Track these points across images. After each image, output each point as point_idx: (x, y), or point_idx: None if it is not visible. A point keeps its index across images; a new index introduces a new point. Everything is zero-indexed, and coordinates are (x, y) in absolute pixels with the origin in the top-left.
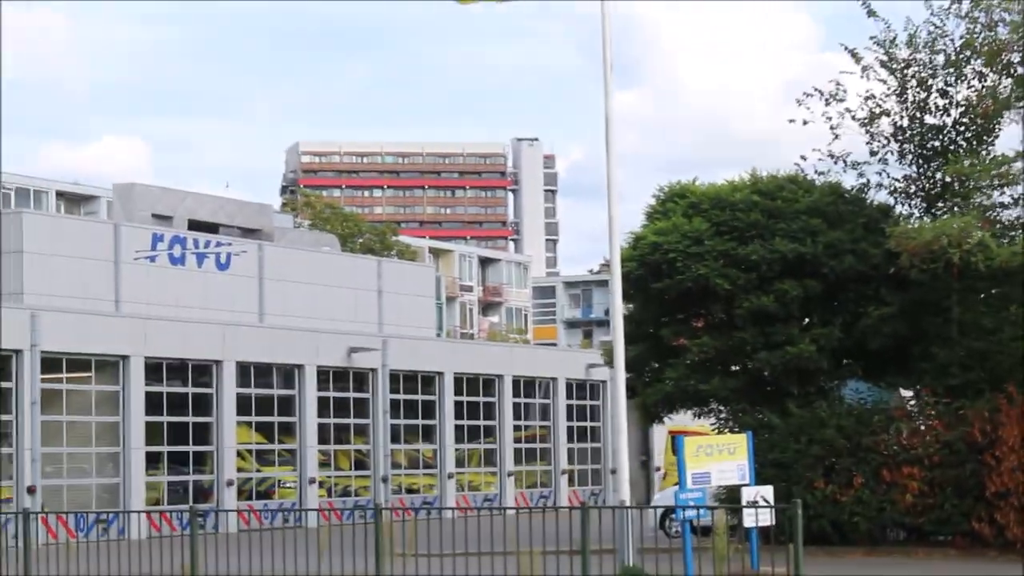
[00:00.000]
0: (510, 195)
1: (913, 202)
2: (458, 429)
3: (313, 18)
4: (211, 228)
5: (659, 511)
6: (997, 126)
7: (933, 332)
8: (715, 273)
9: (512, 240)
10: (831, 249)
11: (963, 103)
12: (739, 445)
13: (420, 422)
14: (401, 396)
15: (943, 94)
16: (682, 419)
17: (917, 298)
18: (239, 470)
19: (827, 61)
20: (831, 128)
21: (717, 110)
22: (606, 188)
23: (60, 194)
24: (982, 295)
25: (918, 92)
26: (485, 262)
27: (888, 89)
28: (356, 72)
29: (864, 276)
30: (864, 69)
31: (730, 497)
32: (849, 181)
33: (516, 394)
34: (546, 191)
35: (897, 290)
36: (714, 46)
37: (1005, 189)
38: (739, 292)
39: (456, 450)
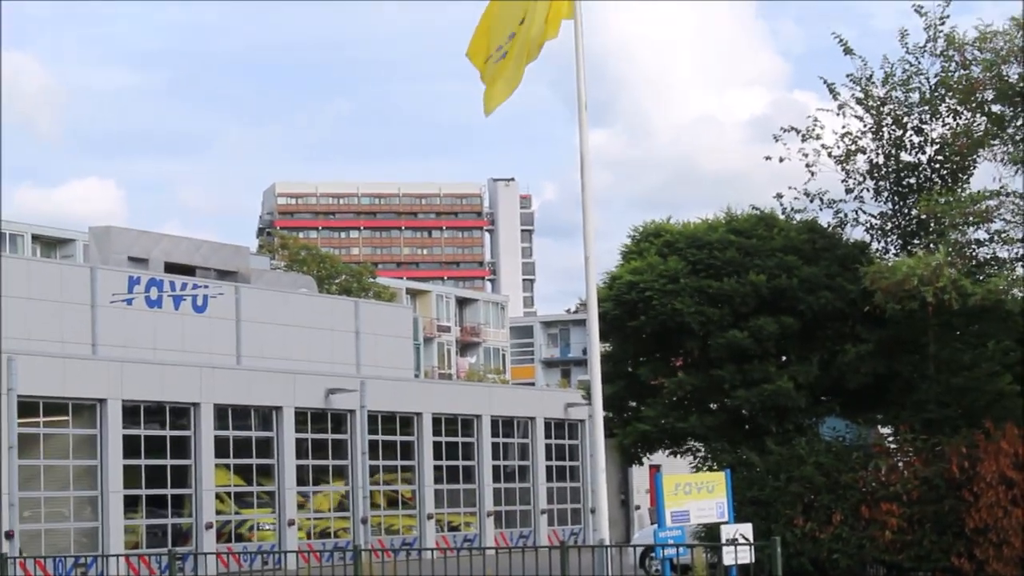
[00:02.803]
0: (487, 235)
1: (889, 239)
2: (437, 469)
3: (289, 58)
4: (187, 270)
5: (639, 550)
6: (972, 164)
7: (910, 369)
8: (690, 310)
9: (489, 280)
10: (807, 284)
11: (938, 140)
12: (718, 483)
13: (399, 462)
14: (380, 437)
15: (918, 131)
16: (659, 457)
17: (894, 335)
18: (218, 512)
19: (796, 99)
20: (807, 166)
21: (687, 147)
22: (582, 228)
23: (36, 237)
24: (959, 331)
25: (894, 129)
26: (462, 302)
27: (864, 126)
28: (332, 111)
29: (841, 313)
30: (840, 106)
31: (709, 535)
32: (825, 219)
33: (495, 434)
34: (523, 231)
35: (874, 327)
36: (684, 83)
37: (979, 226)
38: (714, 329)
39: (435, 490)
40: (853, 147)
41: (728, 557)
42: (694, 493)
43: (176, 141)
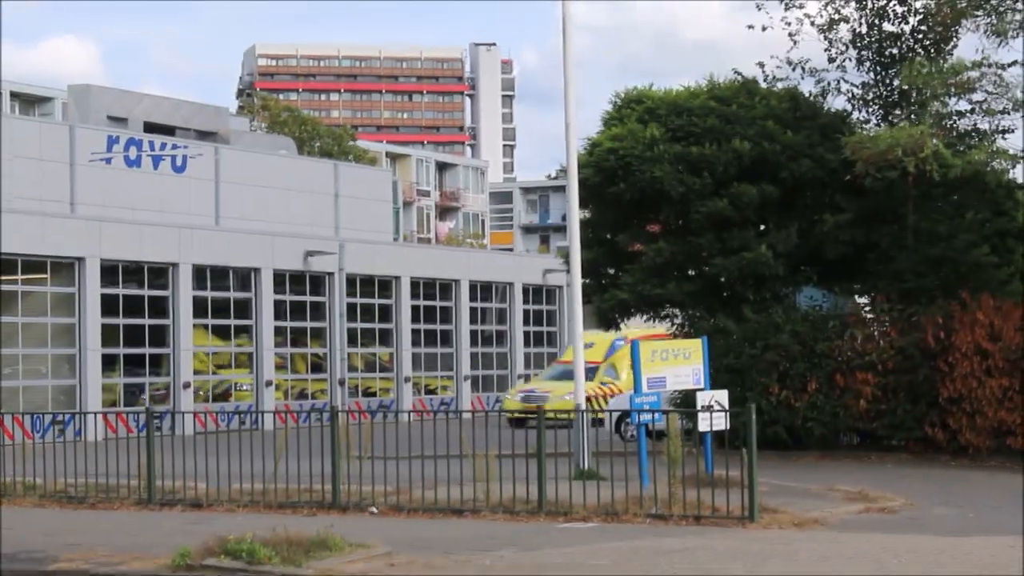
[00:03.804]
0: (467, 100)
1: (871, 109)
2: (415, 333)
3: None
4: (167, 131)
5: (615, 416)
6: (955, 34)
7: (888, 239)
8: (670, 176)
9: (469, 145)
10: (788, 152)
11: (921, 11)
12: (694, 350)
13: (377, 326)
14: (358, 300)
15: (902, 1)
16: (637, 324)
17: (873, 205)
18: (196, 372)
19: None
20: (790, 35)
21: (670, 14)
22: (563, 94)
23: (15, 95)
24: (938, 203)
25: None
26: (442, 167)
27: None
28: None
29: (821, 182)
30: None
31: (685, 402)
32: (807, 88)
33: (473, 299)
34: (504, 96)
35: (853, 197)
36: None
37: (960, 97)
38: (694, 196)
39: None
40: (836, 16)
41: (703, 423)
42: (671, 360)
43: (156, 1)
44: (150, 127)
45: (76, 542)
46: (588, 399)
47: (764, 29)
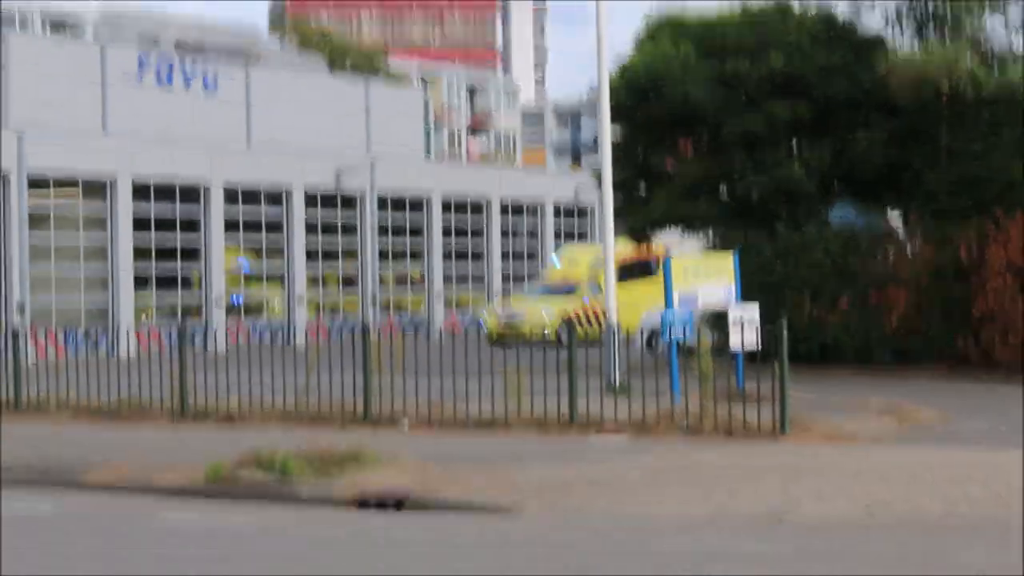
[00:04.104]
0: (499, 19)
1: (905, 28)
2: (446, 251)
3: None
4: (198, 50)
5: (646, 333)
6: None
7: (922, 158)
8: (702, 93)
9: (501, 65)
10: (822, 71)
11: None
12: (726, 266)
13: (408, 243)
14: (389, 216)
15: None
16: (669, 240)
17: (907, 124)
18: (227, 290)
19: None
20: None
21: None
22: (595, 13)
23: (45, 16)
24: (971, 122)
25: None
26: (473, 87)
27: None
28: None
29: (854, 101)
30: None
31: (716, 318)
32: (841, 10)
33: (505, 216)
34: (535, 14)
35: (887, 116)
36: None
37: (995, 16)
38: (727, 114)
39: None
40: None
41: (735, 340)
42: (702, 276)
43: None
44: (181, 47)
45: (110, 456)
46: (569, 320)
47: None
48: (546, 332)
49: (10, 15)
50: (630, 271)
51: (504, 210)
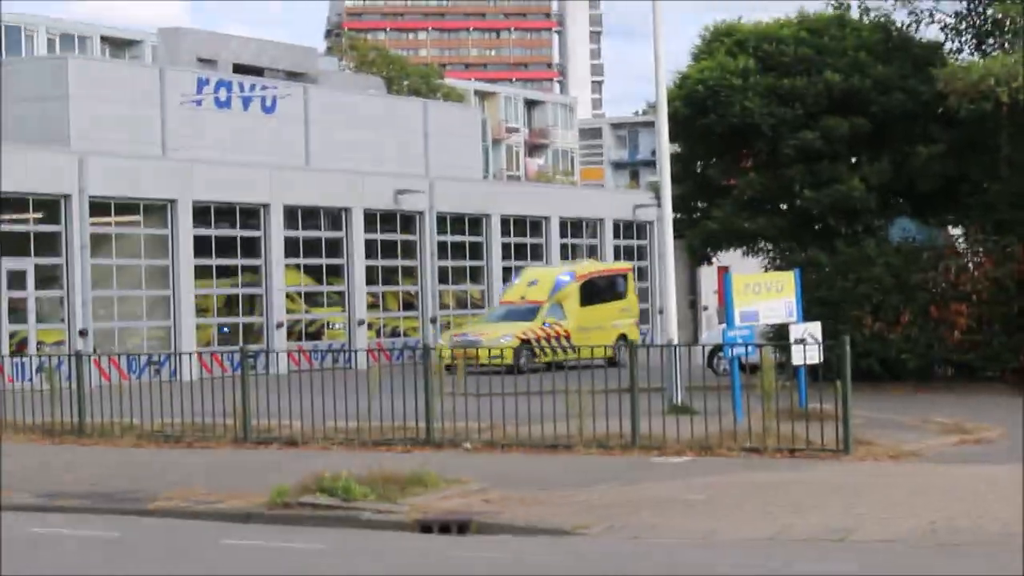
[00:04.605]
0: (555, 36)
1: (964, 39)
2: (506, 270)
3: None
4: (256, 72)
5: (707, 349)
6: None
7: (981, 170)
8: (760, 108)
9: (558, 82)
10: (880, 84)
11: None
12: (787, 283)
13: (468, 263)
14: (448, 237)
15: None
16: (729, 259)
17: (966, 136)
18: (288, 312)
19: None
20: None
21: None
22: (651, 28)
23: (105, 39)
24: None
25: None
26: (531, 104)
27: None
28: None
29: (912, 114)
30: None
31: (778, 335)
32: (899, 18)
33: (564, 235)
34: (591, 32)
35: (946, 128)
36: None
37: None
38: (785, 129)
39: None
40: None
41: (797, 356)
42: (763, 293)
43: None
44: (239, 69)
45: (174, 481)
46: (528, 341)
47: None
48: (500, 356)
49: (69, 38)
50: (595, 289)
51: (563, 228)
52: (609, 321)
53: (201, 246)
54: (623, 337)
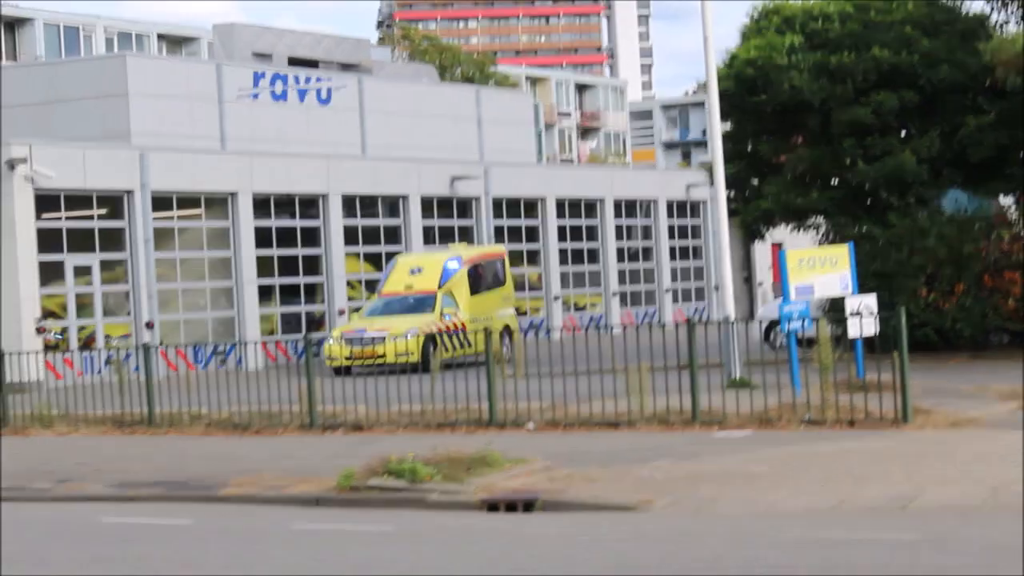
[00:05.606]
0: (604, 20)
1: (1010, 10)
2: (562, 252)
3: None
4: (311, 64)
5: (764, 324)
6: None
7: None
8: (809, 85)
9: (608, 65)
10: (927, 59)
11: None
12: (841, 257)
13: (524, 246)
14: (505, 222)
15: None
16: (781, 235)
17: (1015, 106)
18: (349, 299)
19: None
20: None
21: None
22: (699, 9)
23: (161, 36)
24: None
25: None
26: (582, 88)
27: None
28: None
29: (961, 86)
30: None
31: (834, 308)
32: None
33: (618, 216)
34: (639, 15)
35: (995, 99)
36: None
37: None
38: (834, 105)
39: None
40: None
41: (853, 329)
42: (818, 267)
43: None
44: (294, 61)
45: (244, 468)
46: (432, 336)
47: None
48: (407, 354)
49: (126, 36)
50: (480, 275)
51: (617, 210)
52: (495, 311)
53: (262, 237)
54: (507, 330)
